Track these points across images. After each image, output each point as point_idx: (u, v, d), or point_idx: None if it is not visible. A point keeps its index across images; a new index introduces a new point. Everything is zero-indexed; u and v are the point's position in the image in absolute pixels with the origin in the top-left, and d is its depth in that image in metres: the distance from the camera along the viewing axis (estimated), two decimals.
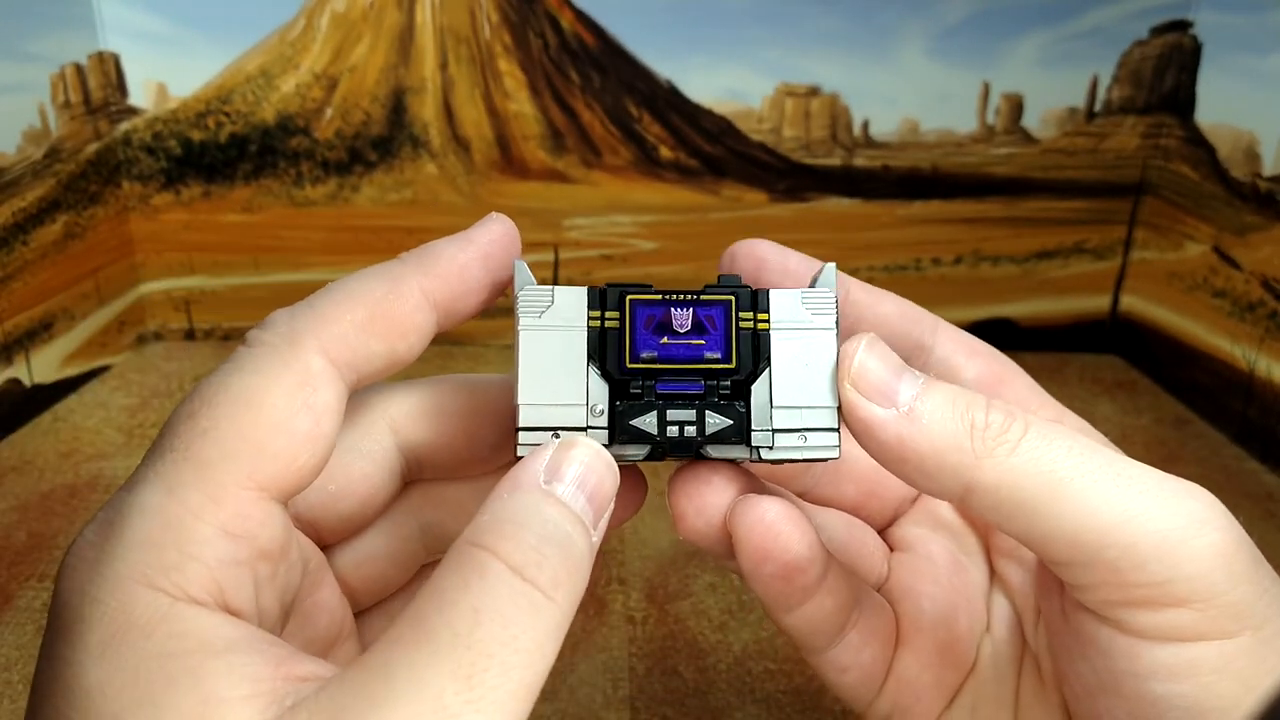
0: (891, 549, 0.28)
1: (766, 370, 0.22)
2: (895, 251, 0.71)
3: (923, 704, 0.26)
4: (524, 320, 0.22)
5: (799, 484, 0.27)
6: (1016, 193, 0.70)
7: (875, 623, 0.26)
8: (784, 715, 0.38)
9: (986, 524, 0.26)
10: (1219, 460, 0.59)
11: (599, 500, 0.20)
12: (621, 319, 0.22)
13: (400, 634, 0.16)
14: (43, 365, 0.61)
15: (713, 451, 0.22)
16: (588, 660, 0.41)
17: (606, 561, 0.47)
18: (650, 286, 0.22)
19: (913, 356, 0.25)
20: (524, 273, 0.22)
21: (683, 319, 0.22)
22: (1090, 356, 0.73)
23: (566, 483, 0.19)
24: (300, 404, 0.19)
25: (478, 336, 0.72)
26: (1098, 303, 0.73)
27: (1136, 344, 0.72)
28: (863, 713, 0.26)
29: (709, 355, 0.22)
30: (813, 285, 0.23)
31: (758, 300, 0.22)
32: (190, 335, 0.72)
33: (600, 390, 0.22)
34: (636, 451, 0.22)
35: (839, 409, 0.22)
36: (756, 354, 0.22)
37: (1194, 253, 0.65)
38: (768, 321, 0.22)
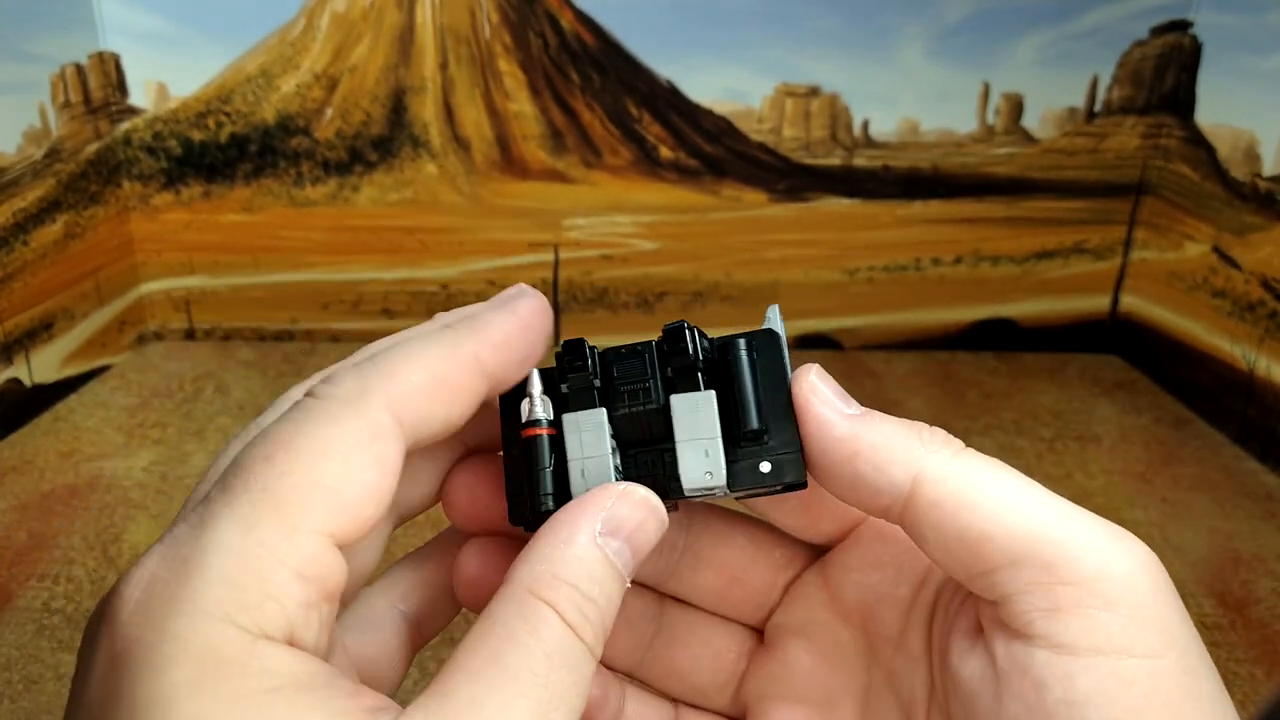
0: (761, 644, 0.26)
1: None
2: (895, 251, 0.71)
3: None
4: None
5: (650, 566, 0.26)
6: (1016, 193, 0.70)
7: None
8: None
9: (864, 607, 0.25)
10: (1219, 460, 0.59)
11: (641, 555, 0.21)
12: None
13: (480, 669, 0.18)
14: (43, 365, 0.61)
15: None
16: None
17: None
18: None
19: None
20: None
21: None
22: (1090, 356, 0.73)
23: (620, 539, 0.20)
24: (371, 458, 0.19)
25: None
26: (1098, 303, 0.73)
27: (1136, 344, 0.72)
28: None
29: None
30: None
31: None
32: (190, 335, 0.72)
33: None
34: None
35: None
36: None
37: (1194, 253, 0.65)
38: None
